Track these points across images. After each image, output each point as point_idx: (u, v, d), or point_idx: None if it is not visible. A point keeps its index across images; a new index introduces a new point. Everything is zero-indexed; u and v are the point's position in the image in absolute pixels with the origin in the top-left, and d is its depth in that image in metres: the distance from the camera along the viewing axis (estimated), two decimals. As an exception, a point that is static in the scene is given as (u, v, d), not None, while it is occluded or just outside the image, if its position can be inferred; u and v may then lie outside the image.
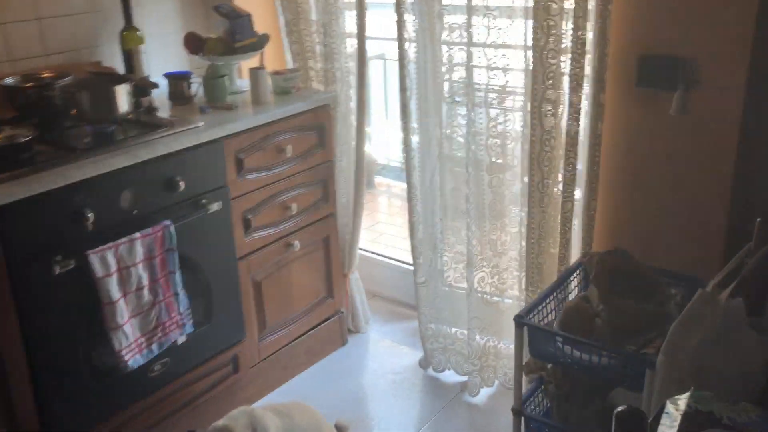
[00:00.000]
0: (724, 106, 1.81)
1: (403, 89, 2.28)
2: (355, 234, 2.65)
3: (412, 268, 2.47)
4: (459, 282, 2.45)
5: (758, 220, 1.57)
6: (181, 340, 2.04)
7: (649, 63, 1.90)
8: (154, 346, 1.94)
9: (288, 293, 2.47)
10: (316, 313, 2.60)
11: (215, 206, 2.07)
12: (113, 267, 1.80)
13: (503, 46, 2.07)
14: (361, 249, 2.80)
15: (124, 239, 1.82)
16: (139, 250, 1.86)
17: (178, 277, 1.97)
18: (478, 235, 2.29)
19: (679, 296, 1.88)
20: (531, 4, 1.92)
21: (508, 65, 2.09)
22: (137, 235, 1.85)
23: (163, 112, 2.20)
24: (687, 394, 1.23)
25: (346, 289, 2.70)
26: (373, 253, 3.07)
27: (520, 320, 1.80)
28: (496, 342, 2.40)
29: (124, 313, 1.84)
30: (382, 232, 3.73)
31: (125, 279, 1.84)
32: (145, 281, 1.89)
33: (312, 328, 2.59)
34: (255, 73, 2.31)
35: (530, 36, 1.95)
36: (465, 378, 2.46)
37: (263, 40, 2.47)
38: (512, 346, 1.90)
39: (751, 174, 1.81)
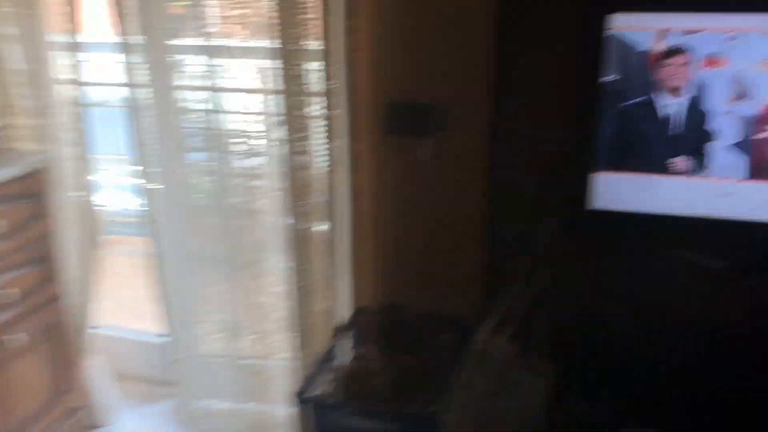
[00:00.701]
0: (473, 151, 1.86)
1: (139, 142, 2.00)
2: (86, 316, 2.27)
3: (164, 339, 2.18)
4: (222, 353, 2.22)
5: (522, 261, 1.61)
6: None
7: (398, 111, 1.88)
8: None
9: (7, 397, 2.02)
10: (48, 415, 2.17)
11: None
12: None
13: (251, 90, 1.92)
14: (100, 327, 2.42)
15: None
16: None
17: None
18: (240, 300, 2.09)
19: (453, 342, 1.87)
20: (278, 46, 1.79)
21: (256, 111, 1.94)
22: None
23: None
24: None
25: (83, 380, 2.31)
26: (115, 328, 2.69)
27: (300, 397, 1.65)
28: (267, 413, 2.21)
29: None
30: (126, 298, 3.32)
31: None
32: None
33: (45, 434, 2.16)
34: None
35: (279, 82, 1.82)
36: (239, 457, 2.24)
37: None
38: (285, 414, 1.72)
39: (505, 216, 1.87)
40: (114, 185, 3.18)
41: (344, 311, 2.01)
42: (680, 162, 1.68)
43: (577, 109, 1.70)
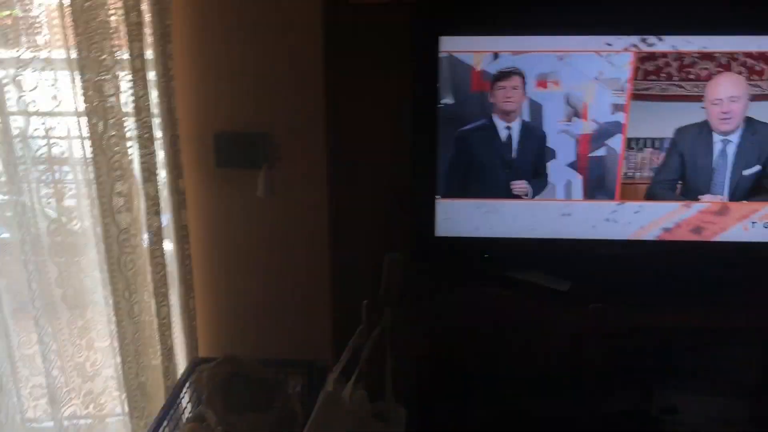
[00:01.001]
0: (311, 182, 1.74)
1: None
2: None
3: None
4: (45, 421, 1.95)
5: (364, 302, 1.51)
6: None
7: (227, 141, 1.73)
8: None
9: None
10: None
11: None
12: None
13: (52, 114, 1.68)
14: None
15: None
16: None
17: None
18: (61, 362, 1.84)
19: (299, 387, 1.74)
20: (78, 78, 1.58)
21: (62, 154, 1.70)
22: None
23: None
24: None
25: None
26: None
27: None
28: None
29: None
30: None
31: None
32: None
33: None
34: None
35: (83, 123, 1.61)
36: None
37: None
38: None
39: (349, 250, 1.77)
40: None
41: (179, 366, 1.83)
42: (520, 185, 1.65)
43: (415, 136, 1.62)
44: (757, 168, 1.62)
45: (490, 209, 1.66)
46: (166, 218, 1.74)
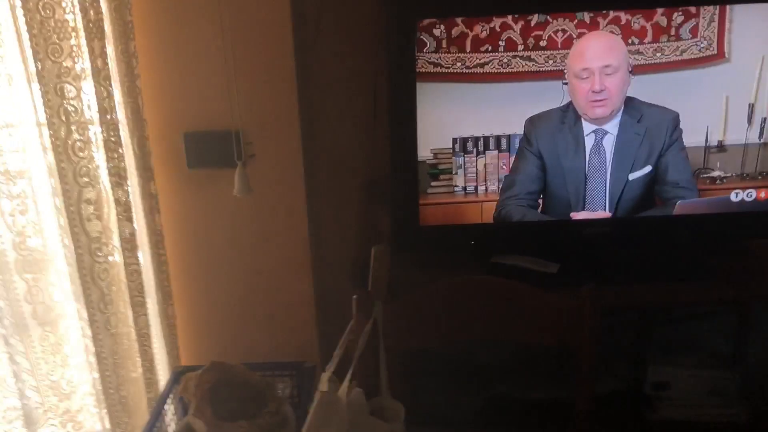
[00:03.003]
0: (287, 179, 1.69)
1: None
2: None
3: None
4: (21, 443, 1.87)
5: (354, 297, 1.46)
6: None
7: (198, 141, 1.66)
8: None
9: None
10: None
11: None
12: None
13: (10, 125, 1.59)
14: None
15: None
16: None
17: None
18: (34, 382, 1.75)
19: (289, 389, 1.69)
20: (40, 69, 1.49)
21: (23, 164, 1.62)
22: None
23: None
24: None
25: None
26: None
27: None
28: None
29: None
30: None
31: None
32: None
33: None
34: None
35: (45, 131, 1.53)
36: None
37: None
38: None
39: (331, 245, 1.72)
40: None
41: (163, 376, 1.76)
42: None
43: (394, 124, 1.58)
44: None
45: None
46: (139, 224, 1.66)
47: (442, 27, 1.50)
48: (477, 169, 1.57)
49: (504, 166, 1.52)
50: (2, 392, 1.81)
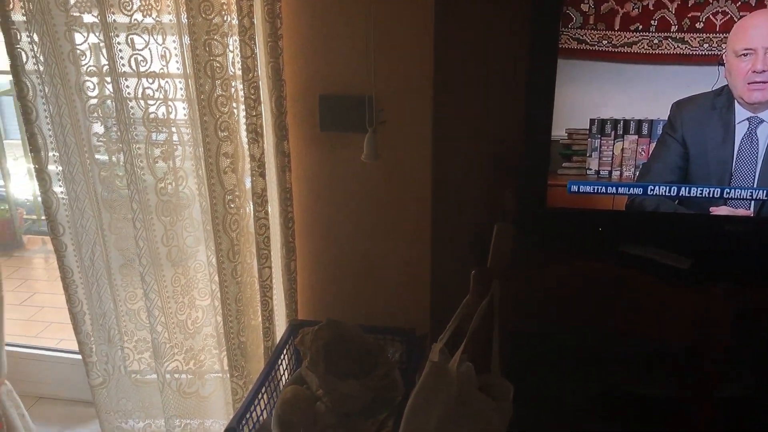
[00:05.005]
0: (415, 147, 1.69)
1: (31, 134, 1.68)
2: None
3: (86, 358, 1.95)
4: (148, 373, 2.01)
5: (473, 272, 1.46)
6: None
7: (332, 104, 1.69)
8: None
9: None
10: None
11: None
12: None
13: (163, 75, 1.68)
14: (10, 345, 2.18)
15: None
16: None
17: None
18: (164, 318, 1.88)
19: (398, 355, 1.72)
20: (187, 40, 1.57)
21: (170, 115, 1.71)
22: None
23: None
24: None
25: (-4, 404, 2.07)
26: (27, 347, 2.44)
27: (238, 425, 1.46)
28: (202, 431, 2.03)
29: None
30: (42, 306, 3.06)
31: None
32: None
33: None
34: None
35: (192, 84, 1.61)
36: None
37: None
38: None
39: (453, 218, 1.72)
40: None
41: (279, 327, 1.83)
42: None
43: (530, 99, 1.54)
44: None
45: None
46: (270, 180, 1.73)
47: (591, 2, 1.44)
48: (613, 153, 1.51)
49: (643, 152, 1.45)
50: (136, 325, 1.96)
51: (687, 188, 1.49)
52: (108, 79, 1.65)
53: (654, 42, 1.36)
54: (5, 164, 1.78)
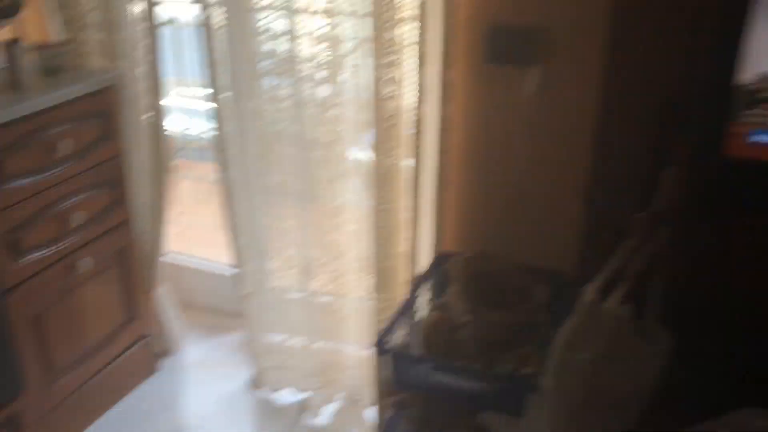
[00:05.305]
0: (583, 84, 1.63)
1: (211, 64, 1.85)
2: (157, 242, 2.19)
3: (229, 269, 2.08)
4: (292, 290, 2.11)
5: (639, 215, 1.40)
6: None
7: (500, 35, 1.66)
8: None
9: (78, 323, 1.99)
10: (116, 342, 2.13)
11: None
12: None
13: (331, 12, 1.72)
14: (170, 254, 2.35)
15: None
16: None
17: None
18: (314, 236, 1.95)
19: (549, 298, 1.70)
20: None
21: (337, 36, 1.75)
22: None
23: None
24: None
25: (151, 307, 2.25)
26: (186, 256, 2.62)
27: (380, 347, 1.52)
28: (339, 352, 2.11)
29: None
30: (189, 225, 3.25)
31: None
32: None
33: (113, 360, 2.13)
34: (10, 47, 1.76)
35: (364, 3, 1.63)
36: (305, 395, 2.16)
37: (17, 3, 1.90)
38: (358, 354, 1.72)
39: (616, 161, 1.65)
40: (184, 109, 3.06)
41: (425, 256, 1.86)
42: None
43: (718, 37, 1.44)
44: None
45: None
46: (431, 109, 1.73)
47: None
48: (808, 102, 1.39)
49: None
50: (286, 241, 2.04)
51: None
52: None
53: None
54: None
